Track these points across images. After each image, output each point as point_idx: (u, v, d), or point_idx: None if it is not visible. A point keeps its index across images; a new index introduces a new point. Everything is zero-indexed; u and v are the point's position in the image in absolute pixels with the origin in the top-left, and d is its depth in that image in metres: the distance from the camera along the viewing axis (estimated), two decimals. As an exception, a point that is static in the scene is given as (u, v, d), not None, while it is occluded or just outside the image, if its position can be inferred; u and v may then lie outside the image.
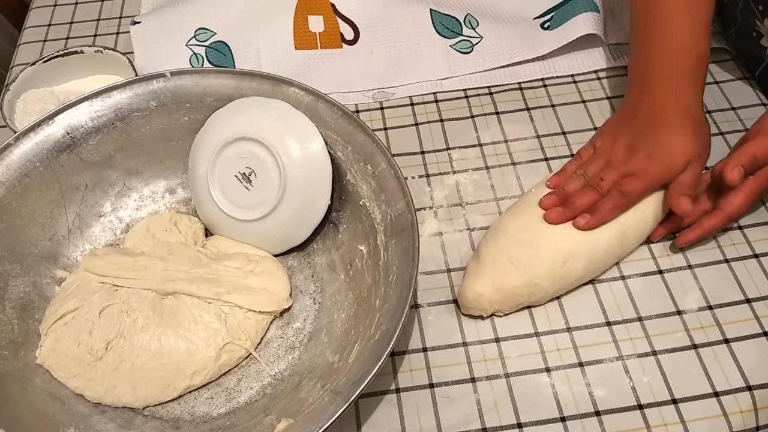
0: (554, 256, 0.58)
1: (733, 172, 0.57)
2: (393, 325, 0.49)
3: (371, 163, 0.58)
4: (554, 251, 0.58)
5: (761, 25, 0.61)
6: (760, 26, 0.62)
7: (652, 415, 0.54)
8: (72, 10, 0.89)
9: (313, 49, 0.78)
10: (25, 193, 0.60)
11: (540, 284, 0.58)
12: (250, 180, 0.60)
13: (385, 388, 0.57)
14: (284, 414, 0.52)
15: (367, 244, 0.59)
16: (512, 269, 0.57)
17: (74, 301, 0.58)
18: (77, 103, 0.62)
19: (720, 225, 0.61)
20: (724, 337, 0.57)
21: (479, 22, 0.79)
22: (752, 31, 0.63)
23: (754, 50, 0.73)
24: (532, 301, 0.59)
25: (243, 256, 0.62)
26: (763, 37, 0.61)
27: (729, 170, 0.57)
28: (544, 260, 0.57)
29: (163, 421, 0.56)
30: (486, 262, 0.59)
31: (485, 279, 0.58)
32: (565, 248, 0.58)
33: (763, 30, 0.61)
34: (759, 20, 0.61)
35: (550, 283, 0.58)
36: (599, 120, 0.73)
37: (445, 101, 0.76)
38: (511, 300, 0.58)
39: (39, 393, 0.55)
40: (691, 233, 0.61)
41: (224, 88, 0.63)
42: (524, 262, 0.57)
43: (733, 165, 0.57)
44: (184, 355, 0.56)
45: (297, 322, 0.60)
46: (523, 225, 0.60)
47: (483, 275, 0.58)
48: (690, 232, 0.61)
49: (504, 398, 0.55)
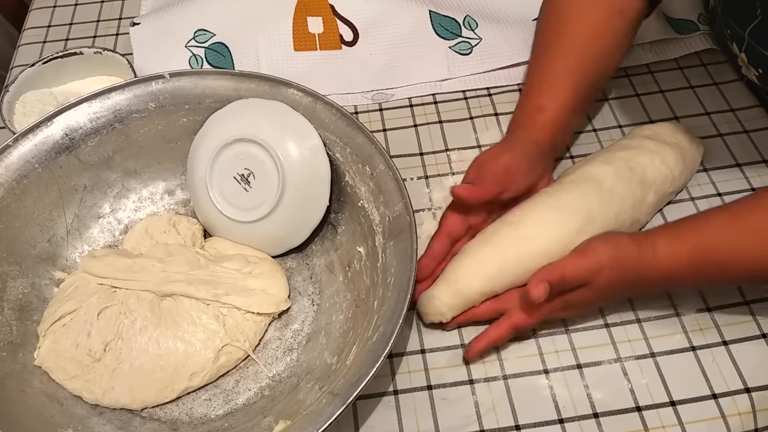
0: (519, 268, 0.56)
1: (538, 289, 0.51)
2: (391, 326, 0.49)
3: (370, 165, 0.58)
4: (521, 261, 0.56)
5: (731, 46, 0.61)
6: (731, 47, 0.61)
7: (651, 417, 0.54)
8: (72, 11, 0.89)
9: (313, 50, 0.78)
10: (24, 194, 0.60)
11: (499, 292, 0.57)
12: (249, 181, 0.60)
13: (383, 389, 0.57)
14: (282, 415, 0.52)
15: (365, 245, 0.59)
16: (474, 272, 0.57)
17: (73, 302, 0.58)
18: (76, 105, 0.62)
19: (506, 335, 0.55)
20: (722, 339, 0.57)
21: (478, 23, 0.79)
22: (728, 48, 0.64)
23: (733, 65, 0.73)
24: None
25: (241, 257, 0.62)
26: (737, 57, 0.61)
27: (534, 285, 0.51)
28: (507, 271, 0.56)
29: (161, 423, 0.55)
30: (448, 268, 0.58)
31: (441, 283, 0.57)
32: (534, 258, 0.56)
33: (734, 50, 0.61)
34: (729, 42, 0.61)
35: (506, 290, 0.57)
36: (597, 121, 0.73)
37: (444, 102, 0.76)
38: (469, 305, 0.57)
39: (37, 394, 0.55)
40: (478, 343, 0.55)
41: (223, 90, 0.64)
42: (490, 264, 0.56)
43: (539, 280, 0.51)
44: (183, 356, 0.56)
45: (295, 323, 0.60)
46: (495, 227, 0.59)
47: (442, 279, 0.57)
48: (477, 342, 0.55)
49: (502, 400, 0.55)
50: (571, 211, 0.58)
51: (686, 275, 0.53)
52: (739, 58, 0.60)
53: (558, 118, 0.62)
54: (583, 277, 0.52)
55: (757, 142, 0.70)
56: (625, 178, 0.60)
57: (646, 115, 0.73)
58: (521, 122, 0.63)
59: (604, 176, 0.60)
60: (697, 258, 0.52)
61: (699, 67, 0.77)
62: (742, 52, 0.58)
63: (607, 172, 0.60)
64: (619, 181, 0.60)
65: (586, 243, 0.54)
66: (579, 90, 0.63)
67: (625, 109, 0.74)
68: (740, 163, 0.68)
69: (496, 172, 0.59)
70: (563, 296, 0.53)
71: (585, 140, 0.71)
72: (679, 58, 0.77)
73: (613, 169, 0.60)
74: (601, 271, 0.52)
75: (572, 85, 0.62)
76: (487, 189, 0.58)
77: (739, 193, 0.66)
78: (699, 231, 0.53)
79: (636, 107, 0.74)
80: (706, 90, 0.75)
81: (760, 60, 0.57)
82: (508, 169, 0.59)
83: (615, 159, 0.62)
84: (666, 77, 0.76)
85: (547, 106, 0.62)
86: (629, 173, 0.60)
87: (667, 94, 0.75)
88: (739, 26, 0.57)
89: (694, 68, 0.77)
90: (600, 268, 0.52)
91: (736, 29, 0.58)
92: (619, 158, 0.62)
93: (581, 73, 0.63)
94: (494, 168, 0.59)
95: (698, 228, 0.54)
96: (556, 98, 0.62)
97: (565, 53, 0.63)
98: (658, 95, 0.74)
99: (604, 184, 0.59)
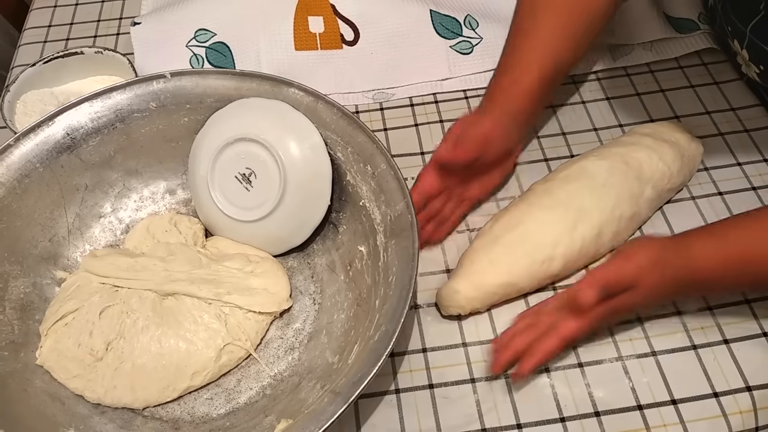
0: (534, 257, 0.58)
1: (586, 294, 0.51)
2: (392, 325, 0.49)
3: (371, 164, 0.58)
4: (534, 252, 0.58)
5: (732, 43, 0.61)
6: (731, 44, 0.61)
7: (652, 415, 0.54)
8: (72, 11, 0.89)
9: (313, 50, 0.78)
10: (25, 193, 0.60)
11: (518, 284, 0.58)
12: (250, 181, 0.61)
13: (385, 388, 0.57)
14: (284, 414, 0.52)
15: (366, 244, 0.59)
16: (491, 268, 0.58)
17: (74, 301, 0.58)
18: (77, 104, 0.62)
19: (556, 349, 0.54)
20: (723, 338, 0.57)
21: (479, 23, 0.79)
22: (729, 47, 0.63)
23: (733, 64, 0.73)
24: (506, 298, 0.59)
25: (243, 256, 0.62)
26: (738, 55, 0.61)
27: (583, 291, 0.51)
28: (522, 260, 0.58)
29: (163, 422, 0.56)
30: (464, 263, 0.59)
31: (461, 278, 0.58)
32: (545, 248, 0.58)
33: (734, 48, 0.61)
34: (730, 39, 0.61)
35: (527, 282, 0.58)
36: (598, 121, 0.73)
37: (445, 102, 0.76)
38: (489, 298, 0.58)
39: (39, 394, 0.55)
40: (529, 361, 0.54)
41: (224, 89, 0.64)
42: (503, 261, 0.58)
43: (588, 286, 0.51)
44: (184, 355, 0.56)
45: (297, 322, 0.60)
46: (502, 226, 0.60)
47: (459, 274, 0.58)
48: (528, 360, 0.54)
49: (504, 399, 0.55)
50: (565, 208, 0.59)
51: (719, 277, 0.54)
52: (739, 55, 0.60)
53: (532, 90, 0.62)
54: (627, 281, 0.52)
55: (758, 141, 0.70)
56: (621, 172, 0.61)
57: (647, 115, 0.73)
58: (495, 95, 0.64)
59: (598, 171, 0.61)
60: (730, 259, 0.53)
61: (699, 66, 0.77)
62: (744, 49, 0.58)
63: (601, 167, 0.61)
64: (614, 175, 0.61)
65: (628, 246, 0.54)
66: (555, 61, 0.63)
67: (626, 109, 0.74)
68: (741, 162, 0.68)
69: (475, 138, 0.60)
70: (608, 302, 0.53)
71: (585, 139, 0.71)
72: (679, 57, 0.77)
73: (608, 164, 0.61)
74: (643, 274, 0.52)
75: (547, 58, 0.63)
76: (466, 153, 0.60)
77: (739, 192, 0.66)
78: (734, 231, 0.54)
79: (636, 106, 0.74)
80: (706, 89, 0.75)
81: (761, 56, 0.57)
82: (486, 135, 0.60)
83: (610, 154, 0.63)
84: (666, 76, 0.76)
85: (521, 79, 0.63)
86: (625, 167, 0.61)
87: (668, 93, 0.75)
88: (741, 22, 0.57)
89: (695, 67, 0.77)
90: (642, 272, 0.52)
91: (738, 25, 0.58)
92: (615, 153, 0.63)
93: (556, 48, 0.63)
94: (474, 133, 0.60)
95: (733, 228, 0.54)
96: (530, 72, 0.62)
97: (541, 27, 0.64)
98: (659, 94, 0.75)
99: (598, 179, 0.60)
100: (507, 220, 0.60)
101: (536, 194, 0.62)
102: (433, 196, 0.63)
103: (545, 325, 0.55)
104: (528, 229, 0.59)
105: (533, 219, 0.59)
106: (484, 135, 0.60)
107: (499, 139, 0.61)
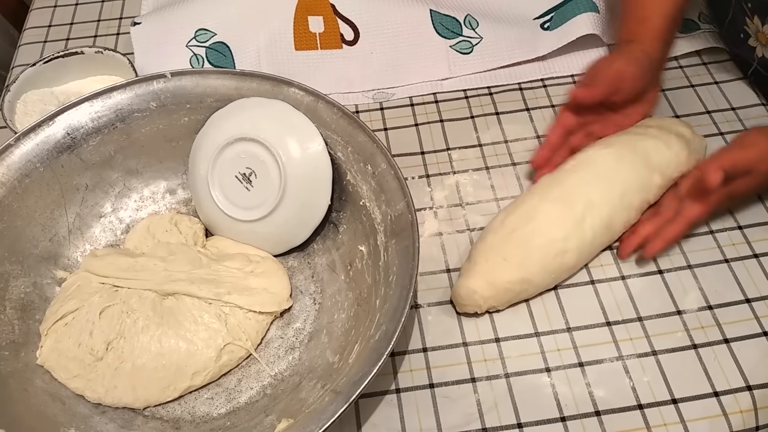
0: (546, 250, 0.58)
1: (715, 175, 0.56)
2: (393, 325, 0.49)
3: (371, 164, 0.58)
4: (546, 246, 0.58)
5: (750, 23, 0.61)
6: (749, 24, 0.62)
7: (652, 414, 0.54)
8: (72, 11, 0.89)
9: (313, 49, 0.78)
10: (26, 193, 0.60)
11: (533, 279, 0.58)
12: (251, 180, 0.61)
13: (386, 388, 0.57)
14: (284, 414, 0.52)
15: (367, 244, 0.59)
16: (505, 265, 0.58)
17: (75, 301, 0.58)
18: (77, 104, 0.62)
19: (682, 232, 0.60)
20: (724, 337, 0.57)
21: (479, 22, 0.79)
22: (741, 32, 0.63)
23: (743, 53, 0.73)
24: (524, 296, 0.59)
25: (243, 256, 0.62)
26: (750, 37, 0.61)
27: (712, 172, 0.56)
28: (536, 255, 0.58)
29: (164, 422, 0.56)
30: (477, 260, 0.59)
31: (477, 276, 0.58)
32: (557, 242, 0.58)
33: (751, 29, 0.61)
34: (749, 17, 0.61)
35: (542, 277, 0.58)
36: (599, 120, 0.73)
37: (445, 102, 0.76)
38: (505, 295, 0.58)
39: (39, 393, 0.55)
40: (656, 244, 0.60)
41: (224, 89, 0.64)
42: (517, 257, 0.58)
43: (716, 168, 0.56)
44: (185, 355, 0.56)
45: (297, 322, 0.60)
46: (514, 221, 0.60)
47: (475, 273, 0.58)
48: (654, 243, 0.60)
49: (504, 398, 0.56)
50: (570, 200, 0.59)
51: None
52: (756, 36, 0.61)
53: (660, 28, 0.66)
54: (747, 165, 0.58)
55: (758, 140, 0.70)
56: (628, 160, 0.61)
57: (647, 114, 0.73)
58: (626, 36, 0.68)
59: (603, 160, 0.62)
60: None
61: (700, 66, 0.77)
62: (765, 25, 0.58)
63: (607, 155, 0.62)
64: (620, 162, 0.61)
65: (745, 135, 0.59)
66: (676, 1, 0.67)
67: (626, 108, 0.74)
68: (741, 162, 0.68)
69: (608, 76, 0.64)
70: (728, 185, 0.57)
71: (586, 139, 0.71)
72: (679, 56, 0.77)
73: (614, 151, 0.62)
74: (761, 159, 0.58)
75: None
76: (599, 90, 0.64)
77: (740, 191, 0.66)
78: None
79: (637, 106, 0.74)
80: (706, 89, 0.75)
81: None
82: (619, 73, 0.64)
83: (616, 142, 0.63)
84: (667, 76, 0.76)
85: (649, 17, 0.66)
86: (632, 155, 0.61)
87: (668, 92, 0.75)
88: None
89: (695, 67, 0.77)
90: (761, 157, 0.58)
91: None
92: (621, 141, 0.63)
93: None
94: (607, 72, 0.64)
95: None
96: (654, 9, 0.66)
97: None
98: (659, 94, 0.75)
99: (603, 167, 0.61)
100: (518, 215, 0.60)
101: (544, 186, 0.62)
102: (573, 130, 0.67)
103: (671, 210, 0.61)
104: (538, 224, 0.59)
105: (542, 213, 0.59)
106: (616, 72, 0.64)
107: (632, 77, 0.64)
